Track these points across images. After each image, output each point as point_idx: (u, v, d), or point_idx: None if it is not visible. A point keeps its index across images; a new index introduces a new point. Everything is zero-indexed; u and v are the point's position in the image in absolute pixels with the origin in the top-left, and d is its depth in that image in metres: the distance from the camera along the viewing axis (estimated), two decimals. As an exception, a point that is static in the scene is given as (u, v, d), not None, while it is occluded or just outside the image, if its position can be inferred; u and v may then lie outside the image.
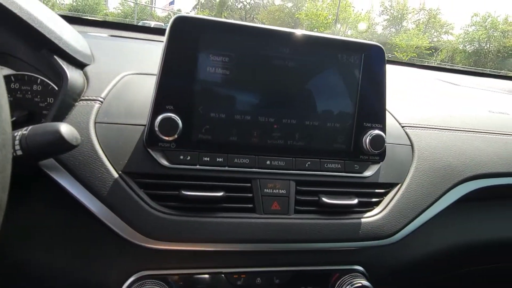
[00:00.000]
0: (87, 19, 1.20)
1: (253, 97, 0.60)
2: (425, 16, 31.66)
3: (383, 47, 0.65)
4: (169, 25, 0.56)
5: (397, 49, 25.10)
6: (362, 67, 0.64)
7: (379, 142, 0.64)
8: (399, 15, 32.23)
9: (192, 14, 0.60)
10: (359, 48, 0.64)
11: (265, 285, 0.63)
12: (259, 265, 0.63)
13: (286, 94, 0.61)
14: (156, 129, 0.55)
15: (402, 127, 0.76)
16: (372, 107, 0.65)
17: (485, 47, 27.58)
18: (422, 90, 1.12)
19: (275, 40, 0.60)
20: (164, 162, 0.58)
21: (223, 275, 0.61)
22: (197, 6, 37.59)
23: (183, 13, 0.58)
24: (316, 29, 27.31)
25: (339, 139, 0.65)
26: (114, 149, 0.57)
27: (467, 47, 28.51)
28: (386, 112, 0.73)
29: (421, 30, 30.07)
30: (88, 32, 1.08)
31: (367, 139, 0.64)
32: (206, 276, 0.61)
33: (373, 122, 0.65)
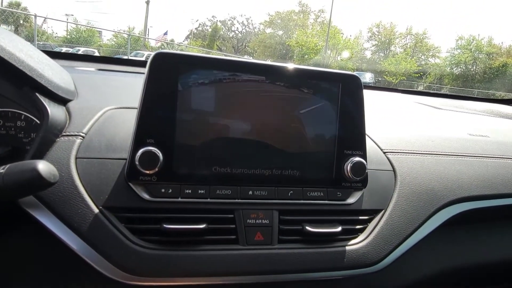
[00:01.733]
0: (76, 54, 1.22)
1: (233, 129, 0.61)
2: (412, 40, 32.60)
3: (359, 76, 0.67)
4: (149, 61, 0.58)
5: (386, 73, 25.65)
6: (340, 96, 0.66)
7: (360, 168, 0.65)
8: (387, 40, 33.16)
9: (173, 50, 0.62)
10: (336, 78, 0.66)
11: None
12: None
13: (266, 125, 0.63)
14: (137, 163, 0.56)
15: (384, 153, 0.77)
16: (352, 135, 0.66)
17: (472, 69, 28.29)
18: (403, 114, 1.15)
19: (253, 73, 0.62)
20: (145, 195, 0.58)
21: None
22: (190, 36, 38.44)
23: (163, 50, 0.60)
24: (306, 56, 27.94)
25: (321, 167, 0.65)
26: (95, 184, 0.57)
27: (454, 69, 29.21)
28: (368, 138, 0.74)
29: (409, 54, 30.88)
30: (76, 66, 1.10)
31: (348, 166, 0.65)
32: None
33: (354, 149, 0.66)
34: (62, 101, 0.66)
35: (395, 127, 0.93)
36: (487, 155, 0.85)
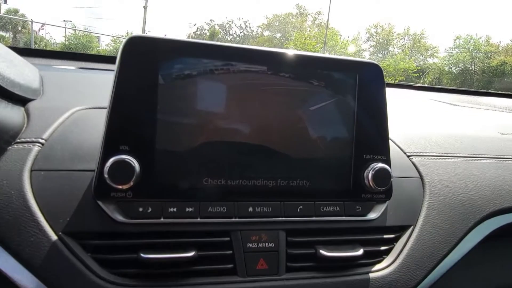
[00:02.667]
0: (55, 51, 1.11)
1: (228, 131, 0.50)
2: (410, 41, 32.59)
3: (380, 65, 0.55)
4: (120, 47, 0.46)
5: (385, 73, 25.54)
6: (358, 89, 0.54)
7: (384, 177, 0.53)
8: (385, 41, 33.15)
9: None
10: (352, 67, 0.54)
11: None
12: None
13: (269, 126, 0.51)
14: (106, 176, 0.44)
15: (408, 156, 0.65)
16: (373, 136, 0.55)
17: (470, 68, 28.23)
18: (420, 112, 1.03)
19: (252, 62, 0.50)
20: (119, 217, 0.46)
21: None
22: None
23: (138, 34, 0.48)
24: (305, 58, 27.82)
25: (336, 176, 0.53)
26: (54, 204, 0.45)
27: (452, 68, 29.15)
28: (389, 141, 0.62)
29: (407, 54, 30.85)
30: (54, 65, 0.98)
31: (369, 174, 0.53)
32: None
33: (375, 153, 0.54)
34: (20, 100, 0.54)
35: (416, 126, 0.81)
36: None
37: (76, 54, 1.10)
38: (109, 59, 1.12)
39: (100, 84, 0.78)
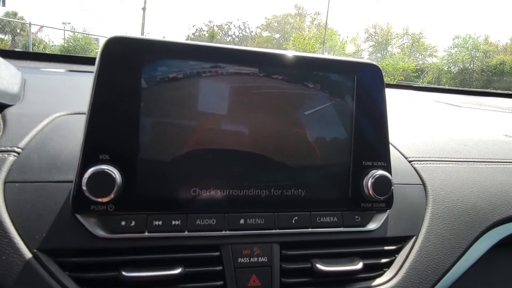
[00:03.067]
0: (44, 53, 1.07)
1: (217, 138, 0.46)
2: (409, 40, 32.61)
3: (379, 65, 0.52)
4: (100, 49, 0.43)
5: (384, 73, 25.55)
6: (356, 92, 0.51)
7: (384, 185, 0.50)
8: (384, 40, 33.17)
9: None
10: (350, 69, 0.51)
11: None
12: None
13: (261, 132, 0.48)
14: (84, 188, 0.40)
15: (409, 162, 0.62)
16: (372, 141, 0.52)
17: (469, 67, 28.24)
18: (422, 114, 1.00)
19: (243, 64, 0.47)
20: (99, 231, 0.42)
21: None
22: (187, 41, 38.31)
23: (120, 34, 0.45)
24: (304, 58, 27.84)
25: (333, 184, 0.50)
26: (29, 218, 0.42)
27: (452, 68, 29.17)
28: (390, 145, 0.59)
29: (406, 54, 30.86)
30: (41, 68, 0.95)
31: (368, 181, 0.50)
32: None
33: (375, 159, 0.51)
34: None
35: (417, 129, 0.78)
36: None
37: (65, 56, 1.07)
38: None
39: (87, 88, 0.74)
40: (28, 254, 0.40)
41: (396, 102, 1.09)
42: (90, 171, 0.41)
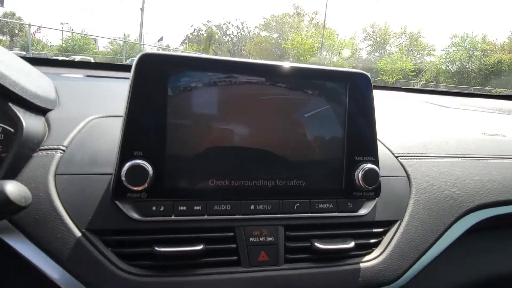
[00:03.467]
0: (63, 60, 1.16)
1: (231, 137, 0.55)
2: (407, 39, 32.70)
3: (368, 75, 0.61)
4: (134, 63, 0.52)
5: (382, 72, 25.68)
6: (348, 97, 0.59)
7: (372, 176, 0.59)
8: (382, 40, 33.25)
9: (160, 51, 0.55)
10: (343, 77, 0.59)
11: None
12: None
13: (268, 132, 0.56)
14: (123, 178, 0.49)
15: (396, 157, 0.71)
16: (362, 139, 0.60)
17: (467, 66, 28.37)
18: (411, 115, 1.08)
19: (252, 74, 0.56)
20: (135, 215, 0.51)
21: None
22: (186, 41, 38.42)
23: (150, 51, 0.53)
24: (302, 57, 27.96)
25: (329, 176, 0.59)
26: (77, 204, 0.51)
27: (449, 67, 29.30)
28: (379, 143, 0.68)
29: (404, 53, 30.95)
30: (62, 73, 1.03)
31: (359, 174, 0.58)
32: None
33: (365, 155, 0.60)
34: (40, 111, 0.60)
35: (405, 128, 0.87)
36: (506, 155, 0.79)
37: (81, 62, 1.15)
38: (113, 67, 1.17)
39: (107, 93, 0.83)
40: (78, 233, 0.49)
41: (388, 103, 1.17)
42: (128, 165, 0.49)
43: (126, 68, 1.15)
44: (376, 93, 0.62)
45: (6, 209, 0.40)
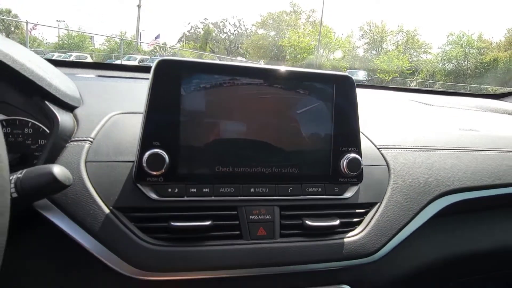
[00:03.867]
0: (75, 61, 1.25)
1: (234, 130, 0.65)
2: (404, 37, 32.82)
3: (352, 77, 0.71)
4: (152, 68, 0.61)
5: (379, 70, 25.83)
6: (335, 96, 0.69)
7: (355, 164, 0.68)
8: (379, 38, 33.36)
9: (175, 57, 0.65)
10: (330, 79, 0.69)
11: None
12: None
13: (266, 126, 0.66)
14: (144, 165, 0.58)
15: (378, 149, 0.81)
16: (347, 132, 0.70)
17: (463, 64, 28.56)
18: (396, 112, 1.18)
19: (252, 77, 0.65)
20: (153, 195, 0.61)
21: None
22: (182, 39, 38.41)
23: (166, 57, 0.63)
24: (299, 55, 28.02)
25: (318, 164, 0.69)
26: (105, 186, 0.60)
27: (446, 65, 29.47)
28: (363, 135, 0.77)
29: (401, 51, 31.08)
30: (76, 74, 1.13)
31: (344, 162, 0.68)
32: None
33: (349, 146, 0.70)
34: (70, 108, 0.69)
35: (389, 124, 0.97)
36: (477, 148, 0.89)
37: (91, 63, 1.24)
38: (122, 67, 1.26)
39: (121, 91, 0.93)
40: (107, 210, 0.58)
41: (375, 101, 1.27)
42: (148, 153, 0.59)
43: (133, 68, 1.25)
44: (366, 92, 0.72)
45: (53, 187, 0.49)
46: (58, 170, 0.50)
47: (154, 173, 0.59)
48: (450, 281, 0.88)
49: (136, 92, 0.89)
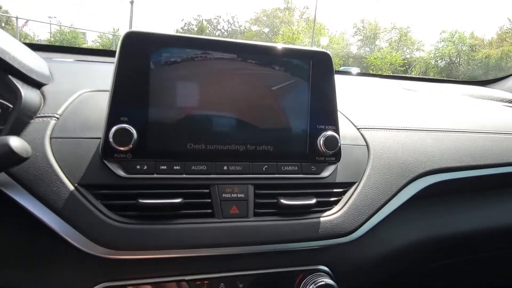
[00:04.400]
0: (53, 45, 1.21)
1: (207, 106, 0.62)
2: (397, 34, 32.96)
3: (330, 53, 0.69)
4: (120, 40, 0.59)
5: (372, 67, 25.90)
6: (312, 73, 0.67)
7: (332, 142, 0.67)
8: (372, 34, 33.47)
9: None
10: (306, 55, 0.67)
11: None
12: (222, 270, 0.63)
13: (240, 102, 0.64)
14: (111, 140, 0.56)
15: (358, 129, 0.79)
16: (324, 110, 0.68)
17: (456, 61, 28.76)
18: (380, 97, 1.17)
19: (225, 51, 0.63)
20: (121, 172, 0.59)
21: (185, 283, 0.61)
22: (176, 35, 38.06)
23: (134, 29, 0.61)
24: (293, 52, 27.92)
25: (294, 142, 0.67)
26: (70, 163, 0.58)
27: (438, 62, 29.65)
28: (343, 116, 0.76)
29: (394, 48, 31.23)
30: (54, 58, 1.10)
31: (321, 140, 0.66)
32: (169, 284, 0.60)
33: (326, 124, 0.68)
34: (36, 84, 0.67)
35: (370, 107, 0.95)
36: (457, 129, 0.88)
37: (70, 47, 1.21)
38: (101, 52, 1.23)
39: (97, 73, 0.90)
40: (71, 187, 0.56)
41: (362, 87, 1.26)
42: (115, 128, 0.56)
43: (114, 53, 1.21)
44: (355, 79, 0.70)
45: (10, 160, 0.47)
46: (14, 141, 0.47)
47: (122, 148, 0.57)
48: (430, 263, 0.87)
49: (111, 73, 0.86)
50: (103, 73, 0.90)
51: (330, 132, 0.67)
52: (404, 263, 0.81)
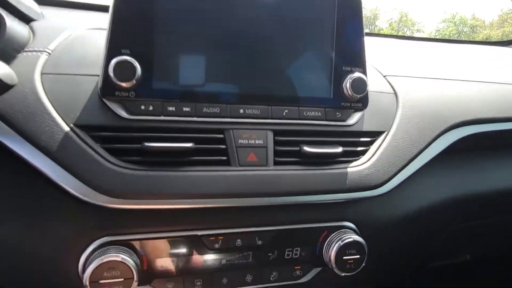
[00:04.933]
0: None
1: (220, 42, 0.54)
2: (397, 15, 32.49)
3: None
4: None
5: (372, 48, 25.60)
6: (337, 8, 0.59)
7: (360, 85, 0.59)
8: (372, 15, 32.97)
9: None
10: None
11: (246, 248, 0.57)
12: (239, 225, 0.56)
13: (256, 38, 0.56)
14: (111, 74, 0.48)
15: (384, 76, 0.72)
16: (351, 50, 0.60)
17: (456, 43, 28.45)
18: (406, 50, 1.08)
19: None
20: (123, 113, 0.51)
21: (198, 238, 0.54)
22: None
23: None
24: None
25: (317, 85, 0.59)
26: (64, 101, 0.50)
27: (439, 43, 29.35)
28: (369, 66, 0.68)
29: (394, 29, 30.82)
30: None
31: (347, 83, 0.59)
32: (178, 240, 0.54)
33: (353, 65, 0.60)
34: (25, 19, 0.58)
35: (398, 59, 0.87)
36: (491, 81, 0.80)
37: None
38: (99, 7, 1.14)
39: (93, 16, 0.81)
40: (66, 127, 0.48)
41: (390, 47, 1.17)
42: (115, 60, 0.48)
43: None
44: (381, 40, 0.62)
45: None
46: None
47: (123, 85, 0.49)
48: (452, 224, 0.80)
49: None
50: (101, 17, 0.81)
51: (357, 74, 0.59)
52: (436, 222, 0.74)
